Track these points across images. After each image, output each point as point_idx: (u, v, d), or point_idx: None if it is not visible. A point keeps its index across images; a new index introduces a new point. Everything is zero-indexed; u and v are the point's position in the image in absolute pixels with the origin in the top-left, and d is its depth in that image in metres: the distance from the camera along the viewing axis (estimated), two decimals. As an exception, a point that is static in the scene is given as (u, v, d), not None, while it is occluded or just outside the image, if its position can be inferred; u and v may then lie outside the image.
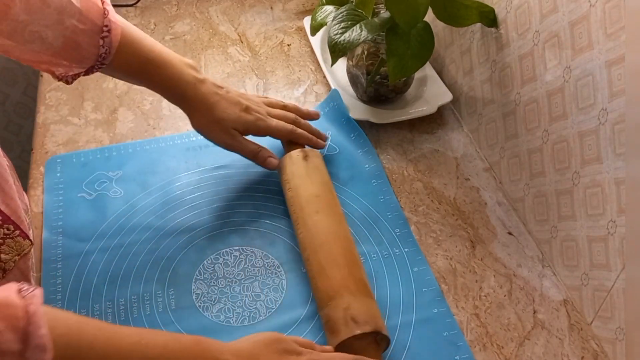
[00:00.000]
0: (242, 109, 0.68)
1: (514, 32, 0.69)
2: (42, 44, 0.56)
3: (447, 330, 0.61)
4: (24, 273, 0.56)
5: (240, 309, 0.62)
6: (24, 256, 0.55)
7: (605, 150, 0.57)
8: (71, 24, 0.57)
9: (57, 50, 0.58)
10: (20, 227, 0.54)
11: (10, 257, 0.53)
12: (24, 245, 0.55)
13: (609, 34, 0.54)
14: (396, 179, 0.76)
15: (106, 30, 0.59)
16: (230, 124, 0.67)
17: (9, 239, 0.53)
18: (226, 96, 0.68)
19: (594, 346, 0.61)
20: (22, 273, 0.56)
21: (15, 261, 0.54)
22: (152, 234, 0.68)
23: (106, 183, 0.73)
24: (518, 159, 0.72)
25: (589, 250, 0.61)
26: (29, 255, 0.56)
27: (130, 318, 0.61)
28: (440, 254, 0.69)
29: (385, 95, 0.82)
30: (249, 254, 0.67)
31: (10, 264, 0.53)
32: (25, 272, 0.56)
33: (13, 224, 0.53)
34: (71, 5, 0.56)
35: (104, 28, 0.59)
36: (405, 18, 0.69)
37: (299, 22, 0.99)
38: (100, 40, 0.59)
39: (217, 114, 0.67)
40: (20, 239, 0.54)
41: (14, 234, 0.53)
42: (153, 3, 1.02)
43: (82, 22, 0.57)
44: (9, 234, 0.53)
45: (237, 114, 0.67)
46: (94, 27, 0.58)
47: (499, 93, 0.74)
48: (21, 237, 0.54)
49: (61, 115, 0.82)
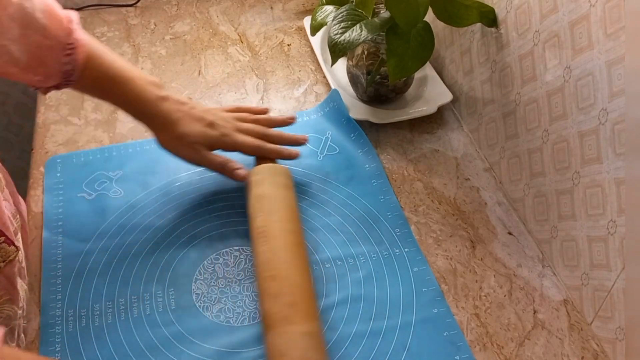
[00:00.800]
0: (206, 125, 0.68)
1: (514, 32, 0.69)
2: (9, 57, 0.56)
3: (447, 330, 0.61)
4: (10, 279, 0.55)
5: (240, 309, 0.62)
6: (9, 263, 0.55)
7: (605, 150, 0.57)
8: (36, 40, 0.57)
9: (24, 65, 0.58)
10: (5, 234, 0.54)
11: None
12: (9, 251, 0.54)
13: (609, 34, 0.54)
14: (396, 179, 0.76)
15: (70, 48, 0.59)
16: (193, 140, 0.67)
17: None
18: (190, 112, 0.68)
19: (594, 346, 0.61)
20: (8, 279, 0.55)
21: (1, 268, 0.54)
22: (152, 234, 0.68)
23: (106, 183, 0.73)
24: (518, 159, 0.72)
25: (589, 250, 0.61)
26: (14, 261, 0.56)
27: (131, 318, 0.61)
28: (440, 254, 0.69)
29: (385, 95, 0.82)
30: (249, 254, 0.67)
31: None
32: (12, 279, 0.56)
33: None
34: (36, 22, 0.56)
35: (67, 45, 0.59)
36: (405, 18, 0.69)
37: (299, 22, 0.99)
38: (64, 58, 0.59)
39: (180, 130, 0.66)
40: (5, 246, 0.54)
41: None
42: (153, 3, 1.02)
43: (47, 38, 0.58)
44: None
45: (200, 130, 0.67)
46: (59, 44, 0.59)
47: (499, 93, 0.74)
48: (6, 244, 0.54)
49: (61, 115, 0.83)
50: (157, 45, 0.94)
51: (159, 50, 0.93)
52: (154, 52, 0.93)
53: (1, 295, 0.55)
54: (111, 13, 1.00)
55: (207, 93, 0.87)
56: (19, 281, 0.57)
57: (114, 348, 0.59)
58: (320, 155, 0.78)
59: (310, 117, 0.83)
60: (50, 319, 0.61)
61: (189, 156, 0.68)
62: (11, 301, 0.55)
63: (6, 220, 0.55)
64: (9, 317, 0.55)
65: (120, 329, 0.60)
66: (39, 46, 0.57)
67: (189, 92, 0.86)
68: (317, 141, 0.79)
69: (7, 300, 0.55)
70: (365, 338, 0.60)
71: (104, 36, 0.95)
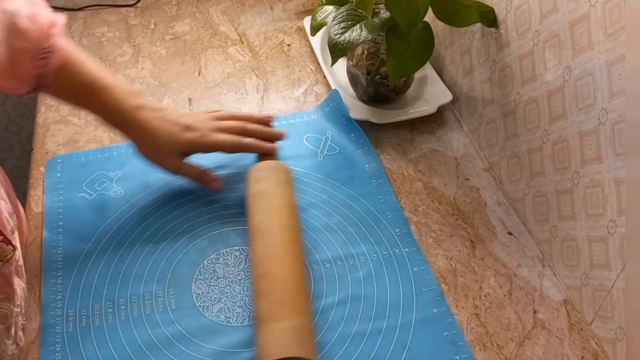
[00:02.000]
0: (182, 129, 0.68)
1: (514, 32, 0.69)
2: None
3: (447, 330, 0.61)
4: (7, 278, 0.56)
5: (240, 308, 0.62)
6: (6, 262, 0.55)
7: (605, 150, 0.57)
8: (13, 44, 0.56)
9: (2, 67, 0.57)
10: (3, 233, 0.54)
11: None
12: (7, 250, 0.54)
13: (609, 34, 0.54)
14: (396, 179, 0.76)
15: (45, 53, 0.59)
16: (171, 146, 0.67)
17: None
18: (166, 118, 0.67)
19: (594, 346, 0.61)
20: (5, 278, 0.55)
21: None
22: (152, 234, 0.68)
23: (106, 183, 0.73)
24: (518, 159, 0.72)
25: (589, 250, 0.61)
26: (11, 260, 0.56)
27: (131, 318, 0.61)
28: (440, 254, 0.69)
29: (385, 95, 0.82)
30: (249, 253, 0.67)
31: None
32: (8, 278, 0.56)
33: None
34: (15, 25, 0.56)
35: (43, 50, 0.58)
36: (405, 18, 0.69)
37: (299, 22, 0.99)
38: (38, 62, 0.59)
39: (157, 138, 0.66)
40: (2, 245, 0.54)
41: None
42: (153, 3, 1.02)
43: (25, 42, 0.57)
44: None
45: (177, 135, 0.67)
46: (35, 48, 0.58)
47: (499, 93, 0.74)
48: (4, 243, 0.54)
49: (61, 115, 0.83)
50: (157, 46, 0.94)
51: (159, 50, 0.93)
52: (154, 52, 0.93)
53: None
54: (111, 13, 1.00)
55: (207, 93, 0.87)
56: (16, 280, 0.57)
57: (114, 348, 0.59)
58: (320, 155, 0.78)
59: (310, 117, 0.83)
60: (51, 319, 0.61)
61: (167, 165, 0.68)
62: (7, 299, 0.55)
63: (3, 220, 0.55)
64: (5, 315, 0.55)
65: (120, 329, 0.60)
66: (16, 50, 0.57)
67: (189, 92, 0.87)
68: (317, 141, 0.79)
69: (3, 299, 0.55)
70: (365, 338, 0.60)
71: (104, 36, 0.95)
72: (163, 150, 0.67)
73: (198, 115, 0.71)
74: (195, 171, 0.70)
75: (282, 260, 0.61)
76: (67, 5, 0.99)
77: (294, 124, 0.82)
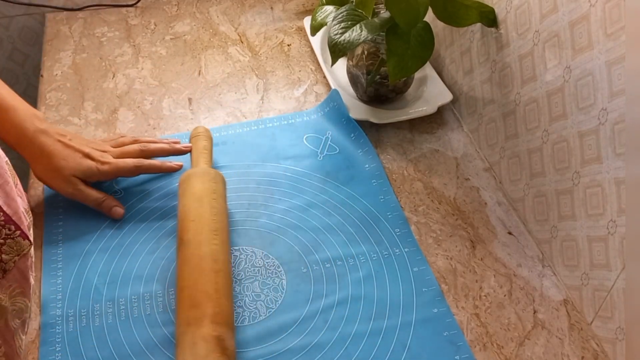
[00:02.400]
0: (82, 156, 0.68)
1: (514, 32, 0.69)
2: None
3: (447, 330, 0.61)
4: (23, 273, 0.56)
5: (240, 308, 0.62)
6: (23, 256, 0.55)
7: (605, 150, 0.57)
8: None
9: None
10: (20, 228, 0.54)
11: (10, 258, 0.54)
12: (24, 245, 0.55)
13: (609, 34, 0.54)
14: (396, 179, 0.76)
15: None
16: (69, 172, 0.67)
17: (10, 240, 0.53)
18: (68, 144, 0.68)
19: (594, 346, 0.61)
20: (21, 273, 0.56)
21: (15, 261, 0.54)
22: (152, 234, 0.68)
23: (107, 183, 0.73)
24: (518, 159, 0.72)
25: (589, 250, 0.61)
26: (28, 255, 0.57)
27: (131, 318, 0.61)
28: (440, 254, 0.69)
29: (385, 95, 0.82)
30: (249, 254, 0.67)
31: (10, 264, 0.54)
32: (25, 272, 0.57)
33: (14, 224, 0.54)
34: None
35: None
36: (405, 18, 0.69)
37: (299, 22, 0.99)
38: None
39: (55, 163, 0.67)
40: (20, 239, 0.54)
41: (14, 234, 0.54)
42: (153, 3, 1.02)
43: None
44: (10, 235, 0.53)
45: (76, 161, 0.67)
46: None
47: (499, 93, 0.74)
48: (21, 238, 0.54)
49: (61, 115, 0.83)
50: (157, 46, 0.94)
51: (159, 50, 0.93)
52: (154, 52, 0.93)
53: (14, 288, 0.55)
54: (111, 13, 1.00)
55: (207, 93, 0.87)
56: (30, 274, 0.58)
57: (114, 348, 0.59)
58: (320, 155, 0.78)
59: (310, 117, 0.83)
60: (51, 319, 0.61)
61: (64, 190, 0.68)
62: (23, 294, 0.56)
63: (20, 215, 0.56)
64: (21, 310, 0.56)
65: (120, 329, 0.60)
66: None
67: (189, 92, 0.87)
68: (317, 141, 0.79)
69: (19, 293, 0.55)
70: (365, 338, 0.60)
71: (104, 36, 0.95)
72: (59, 174, 0.67)
73: (100, 143, 0.72)
74: (93, 197, 0.69)
75: (189, 272, 0.60)
76: (67, 5, 0.99)
77: (294, 124, 0.82)
